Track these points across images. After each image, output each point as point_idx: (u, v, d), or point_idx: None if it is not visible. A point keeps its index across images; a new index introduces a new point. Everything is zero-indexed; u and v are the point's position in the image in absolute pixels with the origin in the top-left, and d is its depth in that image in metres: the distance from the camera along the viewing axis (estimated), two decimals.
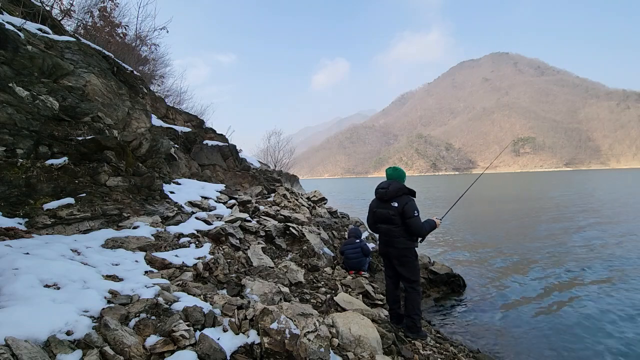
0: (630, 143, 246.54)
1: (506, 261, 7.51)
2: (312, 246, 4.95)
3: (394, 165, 3.46)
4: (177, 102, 12.60)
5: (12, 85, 3.31)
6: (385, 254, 3.32)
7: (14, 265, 2.11)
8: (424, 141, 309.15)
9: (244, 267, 3.82)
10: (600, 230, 10.73)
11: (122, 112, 4.95)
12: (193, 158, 7.40)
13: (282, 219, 5.74)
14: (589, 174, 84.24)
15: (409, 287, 3.20)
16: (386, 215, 3.18)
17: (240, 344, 2.03)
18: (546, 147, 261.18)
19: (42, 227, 3.02)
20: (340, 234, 6.63)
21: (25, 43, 3.67)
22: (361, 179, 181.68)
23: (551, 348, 3.80)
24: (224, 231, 4.30)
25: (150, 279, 2.67)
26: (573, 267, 6.84)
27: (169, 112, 8.13)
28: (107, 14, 8.22)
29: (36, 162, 3.30)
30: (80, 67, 4.38)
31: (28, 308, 1.75)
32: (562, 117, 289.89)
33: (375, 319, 3.18)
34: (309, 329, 2.16)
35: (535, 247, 8.78)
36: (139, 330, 1.92)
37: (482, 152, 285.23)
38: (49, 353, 1.53)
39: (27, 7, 4.73)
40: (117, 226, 3.58)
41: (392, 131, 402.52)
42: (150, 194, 4.36)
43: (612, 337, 3.99)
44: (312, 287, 3.98)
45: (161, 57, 12.23)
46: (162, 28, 9.65)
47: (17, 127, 3.21)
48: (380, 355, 2.46)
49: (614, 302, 4.97)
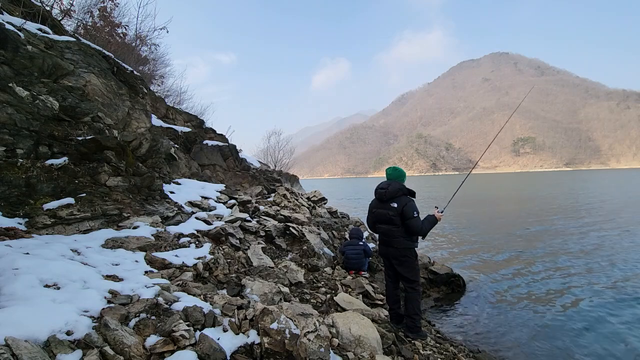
0: (630, 143, 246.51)
1: (506, 261, 7.51)
2: (312, 246, 4.95)
3: (394, 165, 3.46)
4: (177, 102, 12.60)
5: (12, 85, 3.31)
6: (385, 254, 3.32)
7: (14, 265, 2.11)
8: (424, 141, 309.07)
9: (244, 267, 3.82)
10: (602, 230, 10.73)
11: (122, 112, 4.95)
12: (193, 158, 7.40)
13: (282, 219, 5.74)
14: (588, 174, 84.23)
15: (408, 287, 3.20)
16: (386, 216, 3.17)
17: (240, 344, 2.03)
18: (546, 147, 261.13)
19: (42, 227, 3.02)
20: (340, 234, 6.63)
21: (25, 43, 3.67)
22: (361, 179, 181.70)
23: (551, 348, 3.80)
24: (224, 231, 4.30)
25: (150, 279, 2.67)
26: (574, 268, 6.84)
27: (169, 112, 8.13)
28: (107, 14, 8.21)
29: (36, 162, 3.30)
30: (80, 67, 4.38)
31: (28, 308, 1.75)
32: (562, 117, 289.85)
33: (375, 319, 3.18)
34: (309, 329, 2.16)
35: (536, 247, 8.78)
36: (139, 330, 1.92)
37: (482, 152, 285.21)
38: (49, 353, 1.53)
39: (27, 7, 4.73)
40: (117, 226, 3.58)
41: (392, 131, 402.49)
42: (150, 194, 4.36)
43: (612, 338, 3.99)
44: (312, 287, 3.98)
45: (161, 57, 12.25)
46: (162, 28, 9.64)
47: (17, 127, 3.21)
48: (380, 355, 2.46)
49: (615, 303, 4.96)
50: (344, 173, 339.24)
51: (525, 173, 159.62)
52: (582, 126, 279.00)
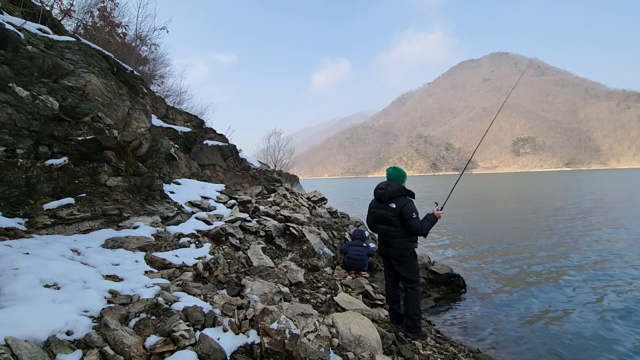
0: (630, 143, 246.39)
1: (506, 261, 7.51)
2: (312, 246, 4.95)
3: (394, 166, 3.46)
4: (177, 102, 12.59)
5: (12, 85, 3.31)
6: (385, 254, 3.33)
7: (14, 265, 2.11)
8: (424, 141, 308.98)
9: (244, 267, 3.82)
10: (602, 230, 10.73)
11: (122, 112, 4.95)
12: (193, 158, 7.40)
13: (282, 219, 5.74)
14: (588, 174, 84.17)
15: (408, 288, 3.20)
16: (384, 216, 3.18)
17: (240, 344, 2.03)
18: (546, 147, 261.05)
19: (42, 227, 3.02)
20: (340, 234, 6.62)
21: (25, 43, 3.67)
22: (361, 179, 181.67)
23: (551, 348, 3.80)
24: (224, 231, 4.30)
25: (150, 279, 2.67)
26: (574, 268, 6.84)
27: (169, 112, 8.13)
28: (107, 14, 8.21)
29: (36, 162, 3.30)
30: (80, 67, 4.38)
31: (28, 308, 1.74)
32: (562, 117, 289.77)
33: (375, 319, 3.18)
34: (309, 329, 2.16)
35: (536, 247, 8.78)
36: (139, 330, 1.92)
37: (482, 152, 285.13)
38: (49, 353, 1.53)
39: (27, 7, 4.73)
40: (117, 226, 3.58)
41: (392, 131, 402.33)
42: (150, 194, 4.36)
43: (612, 338, 3.99)
44: (312, 287, 3.98)
45: (161, 57, 12.24)
46: (162, 28, 9.65)
47: (17, 127, 3.21)
48: (380, 355, 2.46)
49: (615, 304, 4.96)
50: (344, 173, 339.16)
51: (525, 173, 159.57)
52: (582, 126, 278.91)
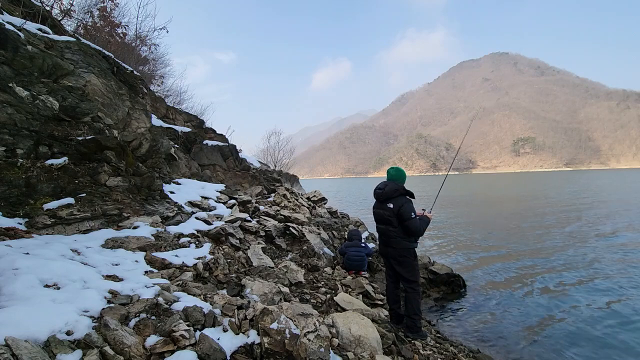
0: (630, 143, 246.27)
1: (506, 261, 7.50)
2: (312, 246, 4.95)
3: (395, 166, 3.46)
4: (177, 102, 12.60)
5: (12, 85, 3.31)
6: (385, 254, 3.33)
7: (14, 265, 2.11)
8: (424, 141, 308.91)
9: (244, 267, 3.82)
10: (603, 230, 10.73)
11: (122, 112, 4.95)
12: (193, 158, 7.40)
13: (282, 219, 5.74)
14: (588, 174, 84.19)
15: (408, 287, 3.20)
16: (383, 216, 3.18)
17: (240, 344, 2.03)
18: (546, 147, 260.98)
19: (42, 227, 3.02)
20: (340, 234, 6.62)
21: (25, 43, 3.67)
22: (361, 179, 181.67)
23: (552, 348, 3.79)
24: (224, 231, 4.30)
25: (150, 279, 2.67)
26: (575, 268, 6.83)
27: (169, 112, 8.13)
28: (107, 14, 8.22)
29: (36, 162, 3.30)
30: (80, 67, 4.38)
31: (28, 308, 1.75)
32: (562, 117, 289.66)
33: (375, 319, 3.18)
34: (309, 329, 2.16)
35: (536, 247, 8.77)
36: (139, 330, 1.92)
37: (482, 152, 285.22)
38: (49, 353, 1.53)
39: (27, 7, 4.73)
40: (117, 226, 3.58)
41: (392, 131, 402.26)
42: (150, 194, 4.36)
43: (613, 338, 3.98)
44: (312, 287, 3.98)
45: (161, 57, 12.25)
46: (162, 28, 9.65)
47: (17, 127, 3.21)
48: (380, 355, 2.46)
49: (617, 304, 4.96)
50: (344, 173, 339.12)
51: (525, 173, 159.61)
52: (582, 126, 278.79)
